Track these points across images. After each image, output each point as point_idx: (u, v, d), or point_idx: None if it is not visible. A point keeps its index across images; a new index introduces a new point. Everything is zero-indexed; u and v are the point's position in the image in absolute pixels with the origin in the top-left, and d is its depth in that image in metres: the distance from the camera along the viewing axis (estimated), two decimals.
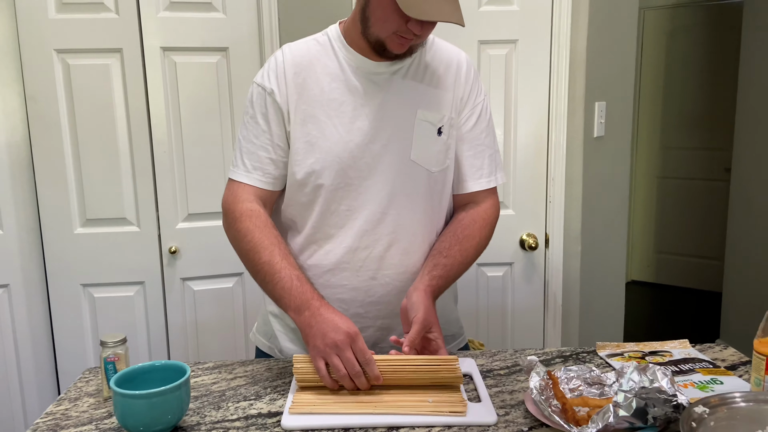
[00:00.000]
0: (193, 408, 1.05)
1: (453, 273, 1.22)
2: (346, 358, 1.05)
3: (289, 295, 1.13)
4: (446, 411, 1.00)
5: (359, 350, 1.06)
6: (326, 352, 1.06)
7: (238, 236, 1.21)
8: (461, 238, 1.24)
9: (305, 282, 1.16)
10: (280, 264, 1.16)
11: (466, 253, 1.24)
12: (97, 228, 2.08)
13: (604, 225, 2.34)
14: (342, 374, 1.05)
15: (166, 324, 2.16)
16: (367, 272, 1.24)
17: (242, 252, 1.21)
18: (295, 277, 1.15)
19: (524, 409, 1.03)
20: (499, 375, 1.17)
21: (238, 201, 1.23)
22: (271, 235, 1.20)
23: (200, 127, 2.07)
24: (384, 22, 1.10)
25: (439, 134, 1.22)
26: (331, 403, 1.03)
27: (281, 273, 1.15)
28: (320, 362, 1.07)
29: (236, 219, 1.21)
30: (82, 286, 2.11)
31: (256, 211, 1.22)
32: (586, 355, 1.25)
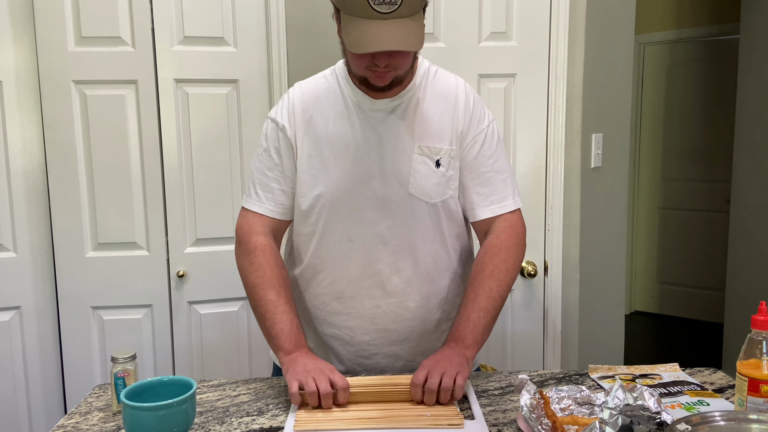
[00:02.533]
0: (198, 422, 1.10)
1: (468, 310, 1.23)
2: (321, 379, 1.12)
3: (285, 337, 1.21)
4: (445, 424, 1.04)
5: (337, 377, 1.14)
6: (303, 375, 1.14)
7: (249, 268, 1.28)
8: (473, 276, 1.27)
9: (301, 332, 1.25)
10: (284, 307, 1.24)
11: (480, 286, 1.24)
12: (108, 252, 2.15)
13: (602, 254, 2.39)
14: (312, 390, 1.11)
15: (172, 346, 2.21)
16: (372, 300, 1.29)
17: (250, 284, 1.28)
18: (295, 324, 1.24)
19: (516, 427, 1.07)
20: (493, 395, 1.21)
21: (253, 232, 1.30)
22: (280, 275, 1.28)
23: (210, 156, 2.14)
24: (354, 59, 1.17)
25: (437, 166, 1.27)
26: (334, 419, 1.07)
27: (283, 315, 1.23)
28: (294, 383, 1.13)
29: (250, 251, 1.29)
30: (92, 308, 2.16)
31: (269, 247, 1.30)
32: (579, 377, 1.29)
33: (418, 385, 1.13)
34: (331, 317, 1.32)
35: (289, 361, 1.18)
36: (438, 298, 1.33)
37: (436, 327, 1.33)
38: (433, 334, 1.34)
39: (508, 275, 1.26)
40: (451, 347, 1.20)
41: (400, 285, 1.29)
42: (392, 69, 1.16)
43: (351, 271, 1.29)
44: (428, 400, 1.12)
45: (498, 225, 1.29)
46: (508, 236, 1.28)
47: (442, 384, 1.12)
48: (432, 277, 1.31)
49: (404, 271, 1.29)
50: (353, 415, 1.08)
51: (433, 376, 1.13)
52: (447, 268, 1.33)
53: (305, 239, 1.31)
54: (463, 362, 1.16)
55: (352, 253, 1.28)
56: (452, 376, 1.13)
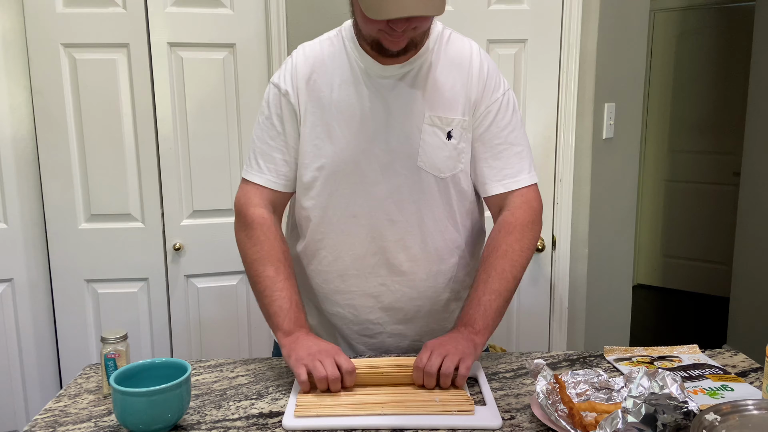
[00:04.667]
0: (194, 406, 1.04)
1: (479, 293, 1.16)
2: (327, 363, 1.06)
3: (284, 316, 1.14)
4: (454, 410, 0.98)
5: (343, 359, 1.07)
6: (308, 359, 1.07)
7: (248, 243, 1.22)
8: (485, 256, 1.20)
9: (301, 310, 1.17)
10: (283, 284, 1.17)
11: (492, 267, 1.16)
12: (101, 223, 2.08)
13: (611, 228, 2.32)
14: (321, 376, 1.04)
15: (169, 321, 2.15)
16: (377, 279, 1.23)
17: (248, 259, 1.21)
18: (294, 302, 1.16)
19: (530, 413, 1.02)
20: (505, 378, 1.15)
21: (251, 204, 1.23)
22: (280, 250, 1.21)
23: (206, 124, 2.06)
24: (366, 22, 1.07)
25: (448, 138, 1.18)
26: (337, 405, 1.01)
27: (282, 292, 1.16)
28: (301, 368, 1.06)
29: (248, 224, 1.22)
30: (86, 281, 2.10)
31: (269, 220, 1.22)
32: (594, 359, 1.23)
33: (420, 367, 1.07)
34: (335, 295, 1.26)
35: (289, 343, 1.12)
36: (446, 277, 1.26)
37: (444, 307, 1.27)
38: (441, 313, 1.28)
39: (523, 255, 1.19)
40: (459, 332, 1.13)
41: (406, 263, 1.22)
42: (413, 30, 1.07)
43: (355, 248, 1.22)
44: (428, 383, 1.06)
45: (513, 201, 1.22)
46: (524, 213, 1.21)
47: (442, 368, 1.05)
48: (440, 255, 1.24)
49: (411, 248, 1.22)
50: (357, 400, 1.03)
51: (433, 358, 1.06)
52: (456, 246, 1.26)
53: (307, 213, 1.24)
54: (470, 348, 1.10)
55: (357, 229, 1.21)
56: (454, 361, 1.06)
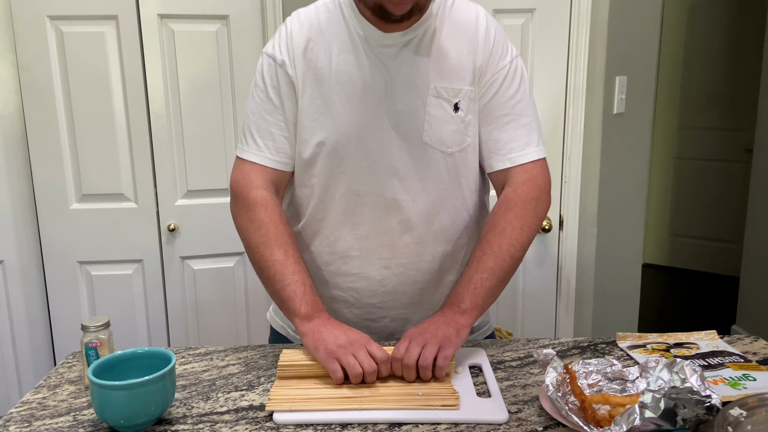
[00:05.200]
0: (180, 398, 0.98)
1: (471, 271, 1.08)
2: (362, 355, 0.97)
3: (300, 300, 1.06)
4: (437, 405, 0.91)
5: (375, 348, 0.99)
6: (340, 352, 0.98)
7: (251, 227, 1.13)
8: (483, 234, 1.12)
9: (316, 293, 1.09)
10: (294, 267, 1.08)
11: (489, 245, 1.08)
12: (93, 204, 2.01)
13: (621, 206, 2.24)
14: (357, 373, 0.96)
15: (165, 303, 2.10)
16: (380, 261, 1.16)
17: (253, 244, 1.12)
18: (308, 285, 1.08)
19: (538, 405, 0.95)
20: (511, 367, 1.08)
21: (251, 186, 1.14)
22: (286, 233, 1.12)
23: (200, 101, 1.98)
24: None
25: (455, 110, 1.10)
26: (311, 399, 0.94)
27: (294, 276, 1.08)
28: (334, 364, 0.97)
29: (249, 207, 1.13)
30: (79, 263, 2.04)
31: (271, 201, 1.14)
32: (605, 346, 1.16)
33: (398, 358, 0.99)
34: (335, 278, 1.19)
35: (312, 331, 1.03)
36: (454, 259, 1.19)
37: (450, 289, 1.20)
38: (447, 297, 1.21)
39: (523, 234, 1.10)
40: (443, 313, 1.06)
41: (411, 245, 1.15)
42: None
43: (357, 228, 1.15)
44: (407, 376, 0.98)
45: (517, 176, 1.14)
46: (527, 189, 1.12)
47: (420, 359, 0.97)
48: (448, 237, 1.17)
49: (417, 229, 1.15)
50: (334, 393, 0.95)
51: (411, 348, 0.98)
52: (465, 227, 1.19)
53: (307, 192, 1.16)
54: (451, 334, 1.01)
55: (359, 209, 1.14)
56: (433, 352, 0.98)
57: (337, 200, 1.14)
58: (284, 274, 1.07)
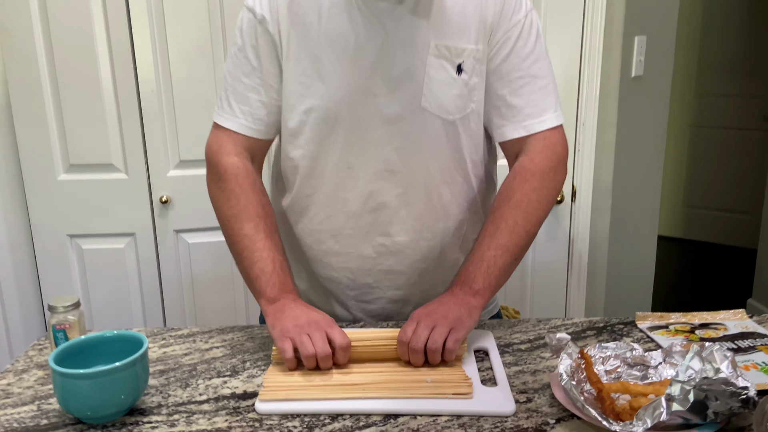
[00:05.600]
0: (157, 385, 0.89)
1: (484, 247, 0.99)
2: (317, 337, 0.89)
3: (266, 280, 0.98)
4: (449, 393, 0.82)
5: (336, 333, 0.91)
6: (294, 331, 0.91)
7: (221, 197, 1.05)
8: (496, 206, 1.02)
9: (287, 273, 1.00)
10: (264, 243, 1.00)
11: (503, 218, 0.99)
12: (81, 174, 1.92)
13: (637, 176, 2.12)
14: (309, 353, 0.88)
15: (159, 279, 2.02)
16: (376, 238, 1.06)
17: (222, 216, 1.05)
18: (278, 263, 1.00)
19: (550, 394, 0.86)
20: (520, 350, 0.99)
21: (222, 152, 1.06)
22: (258, 204, 1.04)
23: (190, 64, 1.86)
24: None
25: (458, 72, 0.99)
26: (311, 386, 0.85)
27: (263, 253, 0.99)
28: (287, 343, 0.90)
29: (220, 175, 1.05)
30: (69, 237, 1.96)
31: (243, 169, 1.05)
32: (623, 327, 1.06)
33: (404, 342, 0.90)
34: (327, 257, 1.10)
35: (273, 311, 0.96)
36: (455, 236, 1.09)
37: (451, 269, 1.10)
38: (449, 277, 1.11)
39: (540, 208, 1.01)
40: (453, 293, 0.97)
41: (409, 221, 1.05)
42: None
43: (350, 203, 1.05)
44: (414, 360, 0.90)
45: (534, 145, 1.03)
46: (545, 158, 1.02)
47: (429, 343, 0.89)
48: (448, 212, 1.07)
49: (415, 204, 1.05)
50: (335, 380, 0.86)
51: (419, 331, 0.90)
52: (466, 201, 1.08)
53: (294, 164, 1.07)
54: (462, 315, 0.93)
55: (352, 183, 1.04)
56: (443, 334, 0.90)
57: (328, 173, 1.04)
58: (252, 250, 0.99)
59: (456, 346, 0.90)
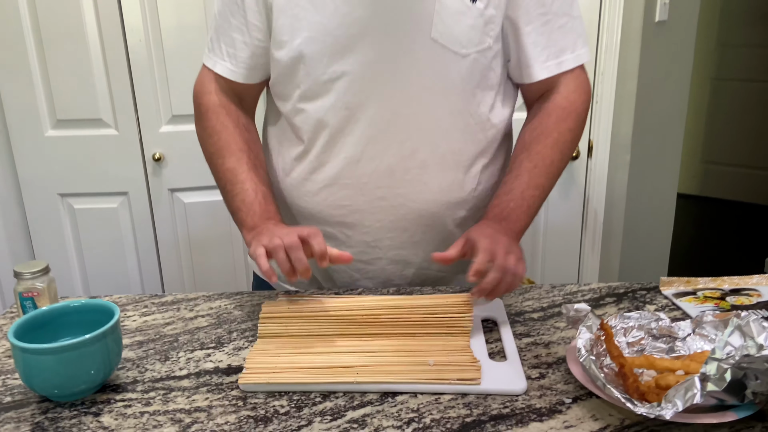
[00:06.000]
0: (134, 358, 0.82)
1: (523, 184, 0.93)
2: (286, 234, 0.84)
3: (247, 210, 0.93)
4: (454, 378, 0.73)
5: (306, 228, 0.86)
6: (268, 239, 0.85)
7: (203, 135, 1.03)
8: (529, 143, 0.96)
9: (270, 201, 0.95)
10: (246, 175, 0.96)
11: (540, 156, 0.94)
12: (70, 130, 1.83)
13: (658, 130, 2.00)
14: (276, 244, 0.82)
15: (155, 240, 1.95)
16: (375, 190, 0.96)
17: (206, 154, 1.03)
18: (261, 192, 0.95)
19: (565, 369, 0.77)
20: (532, 320, 0.90)
21: (204, 91, 1.02)
22: (241, 138, 0.99)
23: (180, 11, 1.74)
24: None
25: (473, 1, 0.89)
26: (296, 369, 0.75)
27: (245, 184, 0.95)
28: (259, 248, 0.84)
29: (202, 114, 1.02)
30: (60, 196, 1.88)
31: (225, 106, 1.01)
32: (646, 293, 0.97)
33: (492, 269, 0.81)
34: (322, 212, 1.00)
35: (253, 236, 0.90)
36: (465, 190, 0.99)
37: (460, 228, 1.01)
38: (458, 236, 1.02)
39: (572, 149, 0.98)
40: (500, 226, 0.90)
41: (413, 171, 0.95)
42: None
43: (347, 149, 0.95)
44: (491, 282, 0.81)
45: (567, 83, 0.97)
46: (579, 97, 0.97)
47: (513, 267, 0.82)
48: (459, 163, 0.97)
49: (420, 151, 0.95)
50: (323, 361, 0.77)
51: (499, 256, 0.82)
52: (480, 152, 0.99)
53: (287, 107, 0.98)
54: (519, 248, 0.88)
55: (350, 126, 0.94)
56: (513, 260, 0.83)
57: (322, 116, 0.94)
58: (234, 183, 0.96)
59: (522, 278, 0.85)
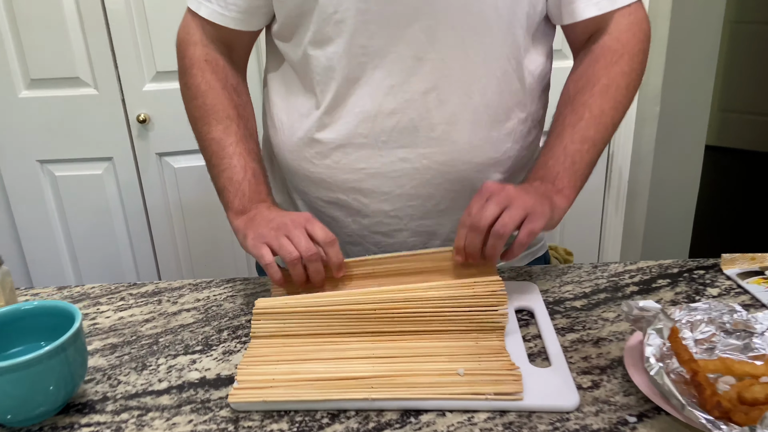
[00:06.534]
0: (105, 366, 0.69)
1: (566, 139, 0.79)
2: (297, 236, 0.74)
3: (235, 190, 0.81)
4: (490, 392, 0.60)
5: (318, 228, 0.75)
6: (272, 235, 0.75)
7: (188, 94, 0.89)
8: (573, 94, 0.82)
9: (261, 181, 0.83)
10: (234, 148, 0.83)
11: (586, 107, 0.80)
12: (45, 90, 1.67)
13: (688, 79, 1.83)
14: (293, 257, 0.73)
15: (145, 208, 1.81)
16: (395, 150, 0.81)
17: (190, 117, 0.90)
18: (250, 170, 0.83)
19: (622, 374, 0.64)
20: (574, 309, 0.77)
21: (190, 42, 0.88)
22: (229, 103, 0.86)
23: None
24: None
25: None
26: (298, 382, 0.62)
27: (232, 159, 0.82)
28: (263, 248, 0.74)
29: (185, 69, 0.89)
30: (39, 162, 1.74)
31: (212, 61, 0.87)
32: (705, 273, 0.83)
33: (467, 217, 0.72)
34: (333, 176, 0.85)
35: (243, 223, 0.80)
36: (500, 149, 0.84)
37: None
38: None
39: (628, 95, 0.82)
40: (531, 185, 0.77)
41: (441, 126, 0.80)
42: None
43: (364, 102, 0.80)
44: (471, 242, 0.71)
45: (618, 22, 0.82)
46: (634, 37, 0.82)
47: (497, 224, 0.70)
48: (492, 116, 0.82)
49: (449, 103, 0.79)
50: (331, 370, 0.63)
51: (488, 207, 0.70)
52: (516, 104, 0.83)
53: (291, 52, 0.83)
54: (544, 206, 0.73)
55: (366, 74, 0.78)
56: (515, 218, 0.70)
57: (335, 63, 0.79)
58: (221, 157, 0.83)
59: (529, 240, 0.71)
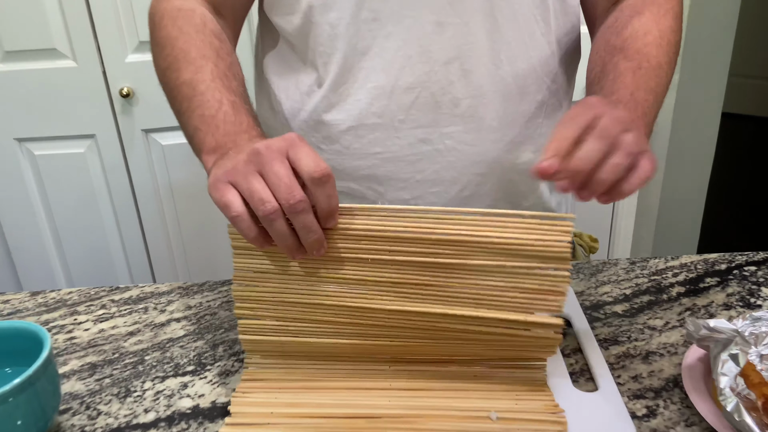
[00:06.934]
0: (82, 392, 0.60)
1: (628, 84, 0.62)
2: (276, 173, 0.49)
3: (208, 127, 0.60)
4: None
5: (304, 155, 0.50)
6: (240, 171, 0.51)
7: (155, 50, 0.71)
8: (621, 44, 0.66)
9: (243, 111, 0.62)
10: (208, 84, 0.63)
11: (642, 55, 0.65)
12: (20, 63, 1.54)
13: (707, 44, 1.72)
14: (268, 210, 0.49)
15: (132, 188, 1.70)
16: (414, 131, 0.71)
17: (159, 72, 0.70)
18: (228, 102, 0.61)
19: (680, 397, 0.56)
20: (615, 315, 0.68)
21: None
22: (205, 44, 0.67)
23: None
24: None
25: None
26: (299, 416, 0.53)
27: (205, 95, 0.62)
28: (228, 192, 0.51)
29: (155, 24, 0.71)
30: (17, 141, 1.62)
31: (189, 10, 0.70)
32: (756, 269, 0.75)
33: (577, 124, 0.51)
34: (344, 161, 0.74)
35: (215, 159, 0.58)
36: (531, 125, 0.73)
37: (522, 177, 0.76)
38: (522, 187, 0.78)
39: (675, 59, 0.69)
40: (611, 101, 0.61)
41: (466, 100, 0.69)
42: None
43: (376, 76, 0.69)
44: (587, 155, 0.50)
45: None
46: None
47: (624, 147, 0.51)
48: (522, 88, 0.71)
49: (474, 73, 0.69)
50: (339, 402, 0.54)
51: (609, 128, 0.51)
52: (548, 72, 0.72)
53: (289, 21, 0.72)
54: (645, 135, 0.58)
55: (379, 42, 0.68)
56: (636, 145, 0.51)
57: (343, 31, 0.68)
58: (191, 96, 0.62)
59: (652, 173, 0.52)
